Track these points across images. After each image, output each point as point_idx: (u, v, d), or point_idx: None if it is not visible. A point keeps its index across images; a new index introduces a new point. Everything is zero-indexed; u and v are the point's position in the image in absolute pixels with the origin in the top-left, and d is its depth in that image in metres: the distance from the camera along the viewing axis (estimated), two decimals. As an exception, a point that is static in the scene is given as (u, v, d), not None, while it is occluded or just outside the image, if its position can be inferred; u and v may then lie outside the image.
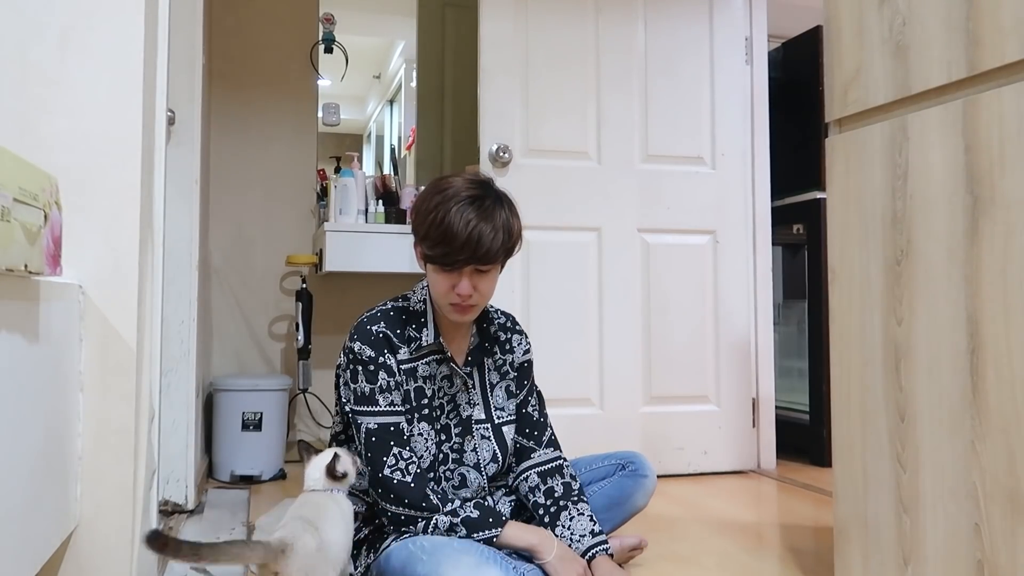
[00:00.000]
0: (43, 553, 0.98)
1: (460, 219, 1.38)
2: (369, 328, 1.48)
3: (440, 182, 1.47)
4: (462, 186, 1.44)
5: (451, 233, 1.38)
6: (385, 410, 1.44)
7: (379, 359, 1.46)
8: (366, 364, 1.45)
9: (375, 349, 1.46)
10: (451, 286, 1.43)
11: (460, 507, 1.42)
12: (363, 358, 1.45)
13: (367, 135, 3.54)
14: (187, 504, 2.17)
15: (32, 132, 1.17)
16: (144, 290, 1.25)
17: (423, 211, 1.44)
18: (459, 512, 1.41)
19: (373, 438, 1.43)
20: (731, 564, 1.79)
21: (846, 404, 1.49)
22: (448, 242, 1.39)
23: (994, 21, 1.19)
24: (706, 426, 2.81)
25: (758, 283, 2.90)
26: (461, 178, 1.46)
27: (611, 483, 1.68)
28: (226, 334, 3.11)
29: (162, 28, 1.46)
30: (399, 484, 1.40)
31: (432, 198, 1.43)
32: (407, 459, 1.42)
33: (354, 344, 1.47)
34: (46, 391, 0.98)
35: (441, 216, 1.39)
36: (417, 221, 1.46)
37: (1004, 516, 1.16)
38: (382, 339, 1.47)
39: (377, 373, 1.45)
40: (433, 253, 1.42)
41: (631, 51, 2.82)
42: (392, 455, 1.42)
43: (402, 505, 1.40)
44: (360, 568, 1.47)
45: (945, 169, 1.28)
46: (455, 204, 1.40)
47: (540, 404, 1.66)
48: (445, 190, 1.43)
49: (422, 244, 1.45)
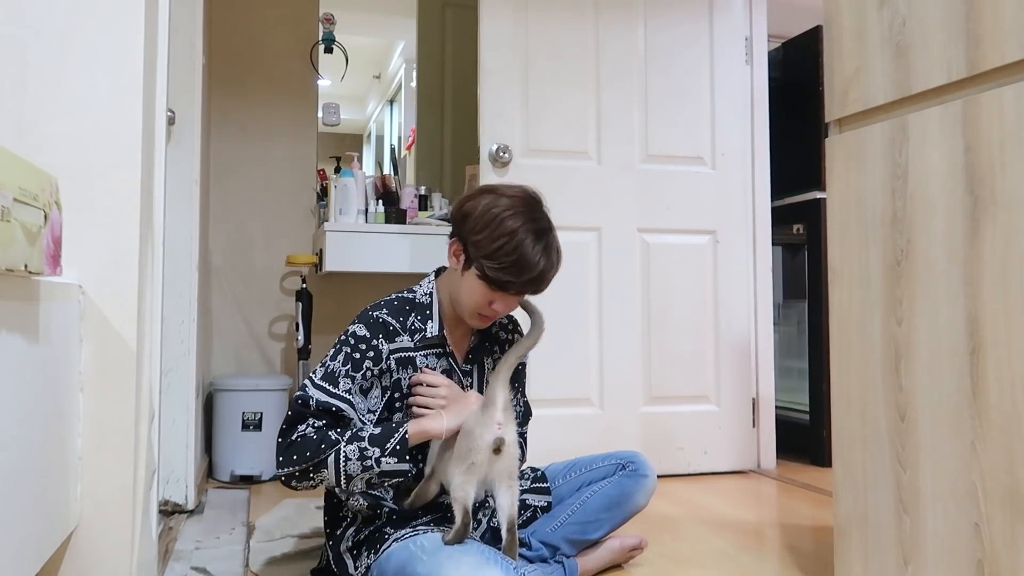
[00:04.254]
0: (43, 553, 0.98)
1: (533, 254, 1.40)
2: (371, 313, 1.50)
3: (509, 203, 1.43)
4: (530, 213, 1.43)
5: (524, 267, 1.40)
6: (339, 394, 1.42)
7: (372, 341, 1.46)
8: (354, 345, 1.46)
9: (371, 331, 1.47)
10: (490, 301, 1.45)
11: (360, 430, 1.39)
12: (353, 339, 1.46)
13: (367, 135, 3.54)
14: (187, 504, 2.17)
15: (32, 132, 1.17)
16: (144, 290, 1.25)
17: (492, 232, 1.40)
18: (361, 435, 1.37)
19: (306, 409, 1.40)
20: (731, 564, 1.79)
21: (846, 404, 1.49)
22: (517, 274, 1.40)
23: (994, 21, 1.19)
24: (706, 426, 2.81)
25: (758, 283, 2.90)
26: (522, 198, 1.45)
27: (611, 483, 1.68)
28: (226, 334, 3.11)
29: (162, 28, 1.46)
30: (302, 440, 1.37)
31: (505, 222, 1.41)
32: (317, 427, 1.39)
33: (352, 326, 1.48)
34: (46, 391, 0.98)
35: (515, 246, 1.39)
36: (480, 236, 1.42)
37: (1004, 516, 1.16)
38: (380, 324, 1.48)
39: (363, 360, 1.45)
40: (494, 276, 1.41)
41: (631, 51, 2.82)
42: (307, 423, 1.39)
43: (305, 459, 1.36)
44: (360, 568, 1.47)
45: (945, 169, 1.28)
46: (529, 237, 1.40)
47: (523, 416, 1.68)
48: (518, 214, 1.42)
49: (483, 261, 1.42)
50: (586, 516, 1.64)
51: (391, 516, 1.48)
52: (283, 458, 1.38)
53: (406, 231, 2.88)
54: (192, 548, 1.85)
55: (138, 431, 1.19)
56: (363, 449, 1.37)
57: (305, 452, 1.36)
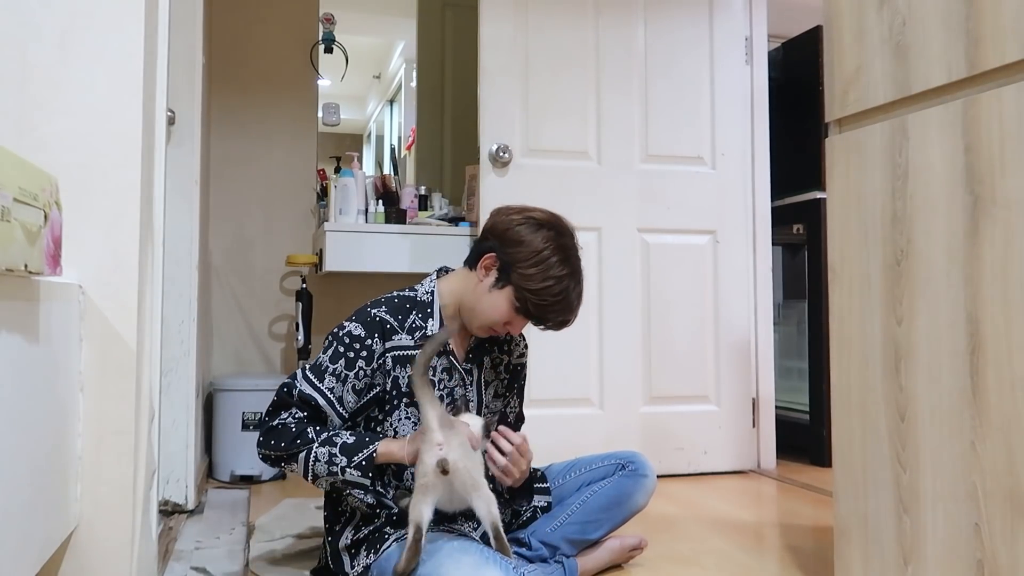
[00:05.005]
0: (43, 553, 0.98)
1: (574, 299, 1.48)
2: (369, 311, 1.50)
3: (565, 245, 1.48)
4: (575, 259, 1.49)
5: (564, 309, 1.47)
6: (321, 389, 1.45)
7: (366, 341, 1.47)
8: (348, 344, 1.46)
9: (367, 330, 1.47)
10: (507, 322, 1.49)
11: (335, 435, 1.42)
12: (347, 338, 1.47)
13: (367, 135, 3.55)
14: (187, 504, 2.17)
15: (32, 132, 1.17)
16: (144, 290, 1.25)
17: (544, 271, 1.44)
18: (335, 440, 1.41)
19: (290, 397, 1.44)
20: (731, 564, 1.79)
21: (846, 404, 1.49)
22: (556, 314, 1.47)
23: (994, 21, 1.19)
24: (706, 426, 2.81)
25: (758, 283, 2.90)
26: (570, 242, 1.49)
27: (611, 483, 1.68)
28: (226, 334, 3.11)
29: (162, 28, 1.46)
30: (282, 428, 1.42)
31: (556, 266, 1.45)
32: (298, 417, 1.44)
33: (348, 323, 1.49)
34: (46, 391, 0.98)
35: (561, 290, 1.45)
36: (532, 271, 1.44)
37: (1004, 516, 1.16)
38: (378, 323, 1.49)
39: (355, 360, 1.46)
40: (536, 311, 1.46)
41: (631, 51, 2.82)
42: (289, 412, 1.44)
43: (280, 448, 1.41)
44: (356, 567, 1.47)
45: (945, 169, 1.28)
46: (573, 284, 1.47)
47: (517, 420, 1.69)
48: (570, 259, 1.47)
49: (527, 294, 1.45)
50: (586, 516, 1.64)
51: (391, 516, 1.48)
52: (263, 439, 1.44)
53: (406, 231, 2.88)
54: (192, 548, 1.85)
55: (138, 431, 1.19)
56: (332, 455, 1.40)
57: (281, 442, 1.41)
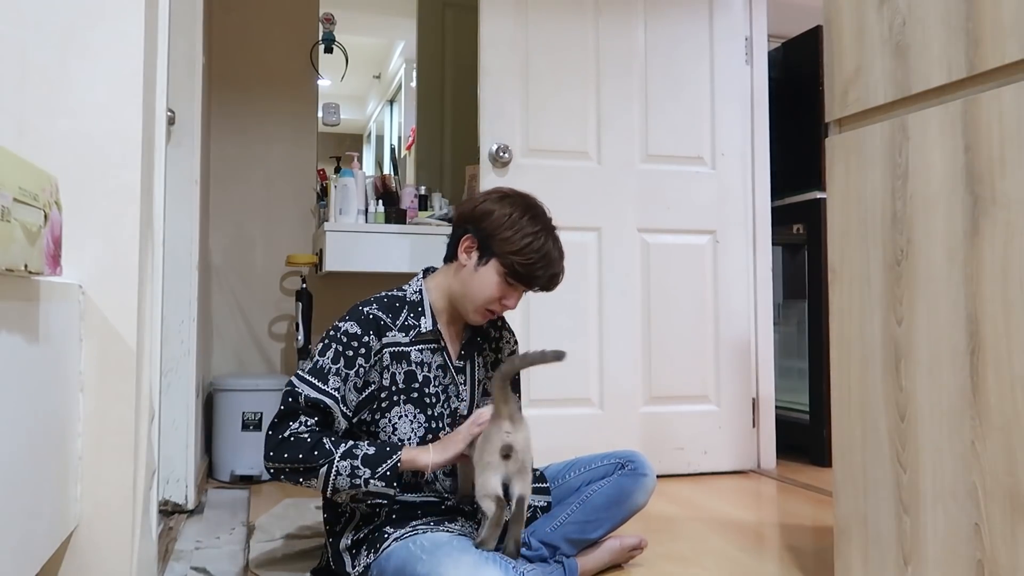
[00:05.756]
0: (43, 553, 0.98)
1: (555, 251, 1.52)
2: (361, 309, 1.51)
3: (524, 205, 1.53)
4: (545, 216, 1.55)
5: (549, 262, 1.51)
6: (327, 391, 1.44)
7: (363, 338, 1.48)
8: (346, 343, 1.47)
9: (362, 328, 1.48)
10: (501, 297, 1.52)
11: (355, 447, 1.42)
12: (344, 337, 1.47)
13: (367, 135, 3.55)
14: (187, 504, 2.17)
15: (32, 132, 1.17)
16: (144, 290, 1.25)
17: (519, 231, 1.49)
18: (355, 452, 1.41)
19: (297, 405, 1.43)
20: (731, 564, 1.79)
21: (846, 404, 1.49)
22: (545, 268, 1.51)
23: (994, 21, 1.19)
24: (706, 426, 2.81)
25: (758, 283, 2.90)
26: (535, 204, 1.55)
27: (610, 482, 1.68)
28: (226, 334, 3.11)
29: (162, 28, 1.46)
30: (295, 440, 1.40)
31: (529, 223, 1.50)
32: (310, 426, 1.43)
33: (342, 323, 1.49)
34: (46, 391, 0.98)
35: (540, 244, 1.50)
36: (509, 234, 1.49)
37: (1004, 516, 1.16)
38: (372, 320, 1.50)
39: (355, 358, 1.46)
40: (523, 271, 1.50)
41: (631, 51, 2.82)
42: (299, 421, 1.43)
43: (297, 460, 1.39)
44: (358, 567, 1.47)
45: (945, 169, 1.28)
46: (549, 237, 1.52)
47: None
48: (539, 216, 1.53)
49: (511, 257, 1.49)
50: (586, 516, 1.64)
51: (391, 515, 1.49)
52: (274, 453, 1.41)
53: (406, 231, 2.88)
54: (192, 548, 1.85)
55: (138, 431, 1.19)
56: (355, 468, 1.40)
57: (297, 454, 1.39)
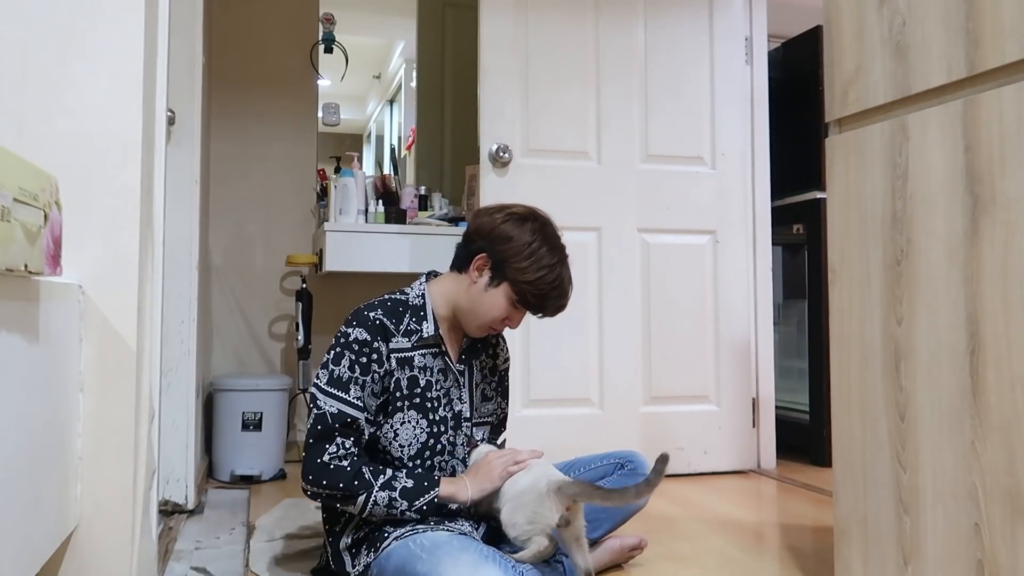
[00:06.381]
0: (43, 553, 0.98)
1: (567, 283, 1.55)
2: (367, 315, 1.51)
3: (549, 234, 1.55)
4: (560, 247, 1.56)
5: (561, 294, 1.54)
6: (351, 401, 1.46)
7: (374, 343, 1.49)
8: (358, 351, 1.47)
9: (371, 334, 1.49)
10: (506, 317, 1.55)
11: (393, 479, 1.45)
12: (356, 344, 1.48)
13: (367, 135, 3.55)
14: (187, 504, 2.17)
15: (32, 132, 1.17)
16: (144, 290, 1.25)
17: (536, 262, 1.51)
18: (394, 484, 1.44)
19: (327, 422, 1.45)
20: (731, 564, 1.79)
21: (846, 404, 1.49)
22: (556, 299, 1.54)
23: (994, 21, 1.19)
24: (706, 426, 2.81)
25: (758, 283, 2.90)
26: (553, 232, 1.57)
27: (610, 482, 1.68)
28: (226, 334, 3.11)
29: (162, 28, 1.46)
30: (335, 468, 1.43)
31: (547, 255, 1.52)
32: (348, 449, 1.45)
33: (351, 329, 1.49)
34: (46, 391, 0.98)
35: (555, 277, 1.52)
36: (525, 264, 1.50)
37: (1004, 516, 1.17)
38: (379, 326, 1.50)
39: (370, 364, 1.47)
40: (535, 301, 1.52)
41: (631, 51, 2.82)
42: (336, 443, 1.44)
43: (337, 488, 1.42)
44: (357, 567, 1.47)
45: (945, 169, 1.28)
46: (564, 269, 1.54)
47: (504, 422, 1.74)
48: (556, 247, 1.55)
49: (524, 286, 1.50)
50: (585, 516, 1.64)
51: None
52: (313, 478, 1.44)
53: (406, 231, 2.88)
54: (192, 548, 1.85)
55: (138, 431, 1.19)
56: (392, 499, 1.44)
57: (338, 482, 1.43)
